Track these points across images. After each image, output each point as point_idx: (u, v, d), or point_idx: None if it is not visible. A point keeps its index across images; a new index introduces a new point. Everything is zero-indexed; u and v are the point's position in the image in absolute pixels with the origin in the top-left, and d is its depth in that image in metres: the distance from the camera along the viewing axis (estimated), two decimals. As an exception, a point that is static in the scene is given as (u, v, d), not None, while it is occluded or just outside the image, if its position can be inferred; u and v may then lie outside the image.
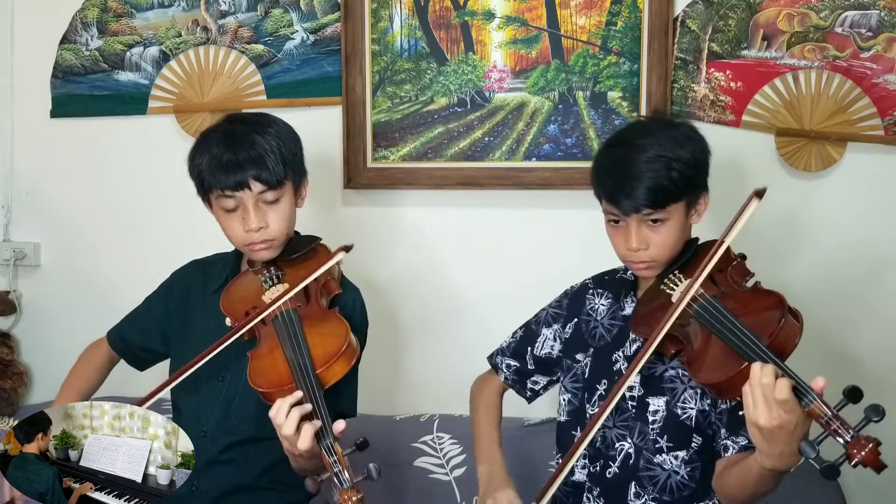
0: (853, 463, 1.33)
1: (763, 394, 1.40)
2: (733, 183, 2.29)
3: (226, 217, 1.81)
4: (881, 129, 2.22)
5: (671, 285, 1.68)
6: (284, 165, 1.78)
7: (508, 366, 1.93)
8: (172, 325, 1.96)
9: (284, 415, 1.55)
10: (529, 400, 1.95)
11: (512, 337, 1.95)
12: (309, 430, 1.53)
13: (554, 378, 1.91)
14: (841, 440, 1.35)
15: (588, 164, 2.33)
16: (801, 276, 2.27)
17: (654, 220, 1.66)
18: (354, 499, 1.47)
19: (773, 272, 2.24)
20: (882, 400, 1.36)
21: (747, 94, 2.28)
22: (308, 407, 1.56)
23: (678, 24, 2.30)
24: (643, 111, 2.30)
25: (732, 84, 2.29)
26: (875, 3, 2.21)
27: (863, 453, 1.33)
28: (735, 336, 1.50)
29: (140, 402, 1.68)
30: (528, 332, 1.92)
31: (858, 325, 2.29)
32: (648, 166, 1.64)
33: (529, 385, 1.93)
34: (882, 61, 2.21)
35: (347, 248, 1.74)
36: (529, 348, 1.90)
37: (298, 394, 1.57)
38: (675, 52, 2.30)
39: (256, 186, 1.76)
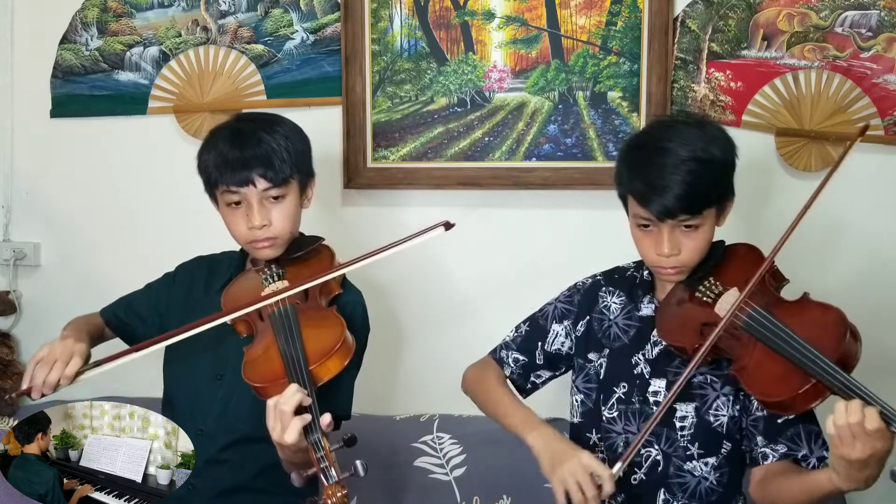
0: None
1: (852, 431, 1.39)
2: (733, 183, 2.29)
3: (230, 214, 1.81)
4: (881, 129, 2.22)
5: (707, 292, 1.66)
6: (290, 164, 1.79)
7: (516, 360, 1.89)
8: (171, 316, 1.95)
9: (287, 397, 1.53)
10: (527, 395, 1.91)
11: (516, 332, 1.92)
12: (297, 423, 1.52)
13: (556, 374, 1.89)
14: None
15: (588, 164, 2.36)
16: (801, 276, 2.27)
17: (688, 226, 1.64)
18: (339, 494, 1.46)
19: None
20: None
21: (747, 94, 2.28)
22: (304, 398, 1.55)
23: (678, 24, 2.30)
24: (643, 111, 2.30)
25: (732, 84, 2.29)
26: (875, 3, 2.21)
27: None
28: (797, 351, 1.48)
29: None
30: (536, 328, 1.89)
31: (863, 324, 2.28)
32: (682, 169, 1.60)
33: (532, 378, 1.89)
34: (882, 61, 2.21)
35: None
36: (539, 343, 1.87)
37: (294, 387, 1.56)
38: (675, 52, 2.30)
39: (261, 183, 1.77)
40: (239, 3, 2.54)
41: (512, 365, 1.90)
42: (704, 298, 1.66)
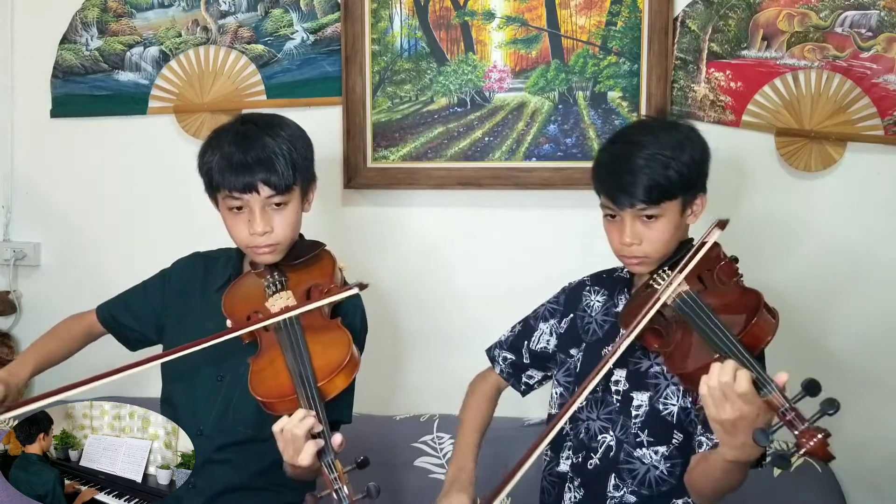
0: (802, 451, 1.37)
1: (722, 390, 1.43)
2: (733, 183, 2.30)
3: (231, 218, 1.80)
4: (881, 129, 2.22)
5: (659, 280, 1.70)
6: (294, 170, 1.77)
7: (505, 358, 1.95)
8: (168, 315, 1.94)
9: (297, 421, 1.54)
10: (524, 394, 1.96)
11: (511, 331, 1.97)
12: (311, 447, 1.53)
13: (548, 374, 1.93)
14: (794, 431, 1.38)
15: (588, 164, 2.34)
16: (800, 275, 2.28)
17: (649, 216, 1.68)
18: None
19: (773, 271, 2.25)
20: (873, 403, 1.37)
21: (747, 94, 2.28)
22: (316, 424, 1.55)
23: (678, 24, 2.30)
24: (643, 111, 2.30)
25: (732, 84, 2.29)
26: (875, 3, 2.21)
27: (811, 443, 1.36)
28: (709, 329, 1.53)
29: (126, 368, 1.66)
30: (526, 327, 1.94)
31: (858, 325, 2.29)
32: (646, 163, 1.66)
33: (524, 379, 1.94)
34: (882, 61, 2.21)
35: (362, 286, 1.73)
36: (526, 342, 1.92)
37: (301, 412, 1.56)
38: (675, 52, 2.30)
39: (265, 191, 1.75)
40: (239, 3, 2.54)
41: (501, 363, 1.95)
42: (655, 286, 1.70)
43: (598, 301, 1.86)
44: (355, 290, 1.73)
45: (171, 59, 2.59)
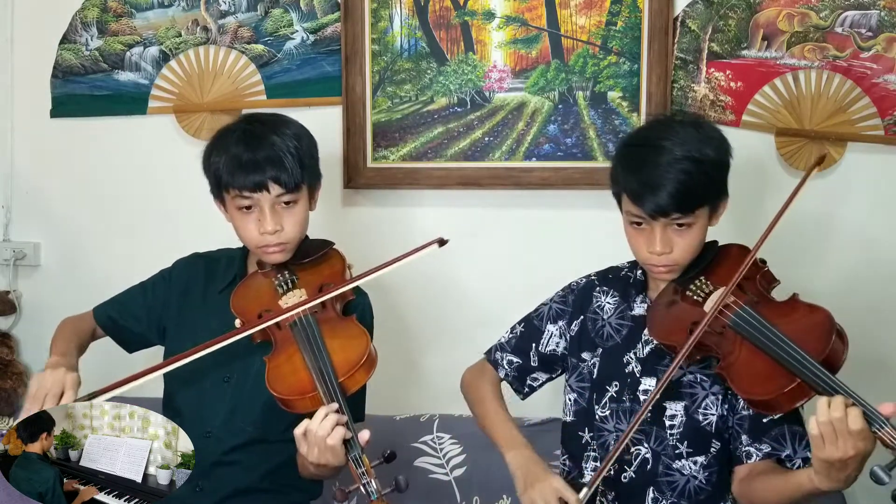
0: None
1: (835, 428, 1.39)
2: (733, 183, 2.28)
3: (240, 218, 1.79)
4: (881, 129, 2.22)
5: (698, 291, 1.66)
6: (302, 169, 1.77)
7: (510, 362, 1.89)
8: (169, 316, 1.94)
9: (319, 421, 1.53)
10: (524, 397, 1.92)
11: (511, 333, 1.92)
12: (339, 436, 1.52)
13: (553, 375, 1.89)
14: None
15: (588, 164, 2.36)
16: (800, 275, 2.27)
17: (681, 225, 1.65)
18: None
19: (773, 270, 2.25)
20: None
21: (747, 94, 2.28)
22: (343, 418, 1.55)
23: (678, 24, 2.30)
24: (643, 111, 2.30)
25: (732, 84, 2.29)
26: (875, 3, 2.21)
27: None
28: (783, 350, 1.48)
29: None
30: (531, 329, 1.89)
31: (859, 324, 2.28)
32: (676, 167, 1.61)
33: (528, 382, 1.89)
34: (882, 61, 2.21)
35: (442, 242, 1.72)
36: (534, 345, 1.87)
37: (333, 405, 1.56)
38: (675, 52, 2.30)
39: (275, 189, 1.75)
40: (239, 3, 2.55)
41: (506, 367, 1.90)
42: (694, 297, 1.66)
43: (609, 303, 1.82)
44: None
45: (171, 59, 2.59)
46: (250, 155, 1.74)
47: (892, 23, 2.20)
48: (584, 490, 1.60)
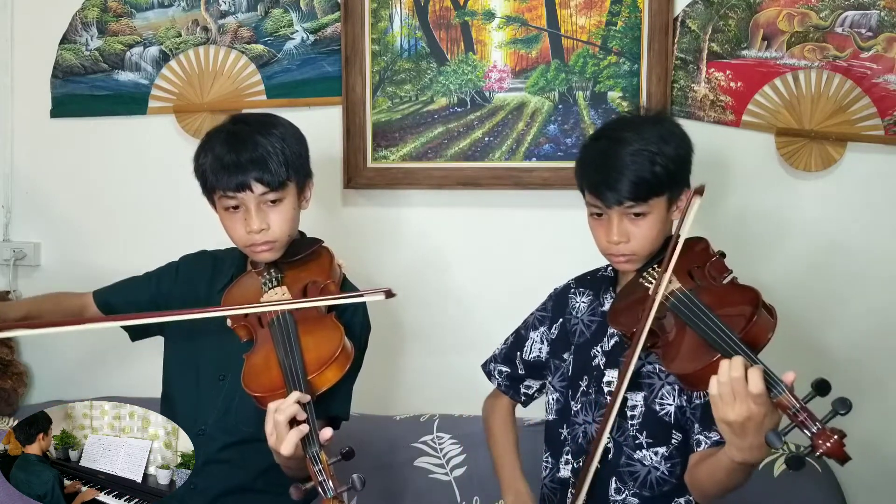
0: (818, 453, 1.34)
1: (732, 387, 1.41)
2: (733, 183, 2.30)
3: (228, 218, 1.81)
4: (881, 129, 2.22)
5: (649, 279, 1.69)
6: (287, 167, 1.78)
7: (500, 372, 1.95)
8: (171, 308, 1.93)
9: (273, 410, 1.54)
10: (525, 404, 1.96)
11: (504, 344, 1.97)
12: (293, 435, 1.52)
13: (546, 381, 1.91)
14: (807, 432, 1.36)
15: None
16: (800, 275, 2.27)
17: (636, 214, 1.68)
18: None
19: (772, 271, 2.25)
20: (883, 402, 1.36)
21: (747, 93, 2.28)
22: (300, 411, 1.54)
23: (678, 24, 2.30)
24: (643, 111, 2.30)
25: (732, 84, 2.29)
26: (875, 3, 2.21)
27: (828, 444, 1.34)
28: (709, 328, 1.51)
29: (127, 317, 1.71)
30: (518, 338, 1.94)
31: (858, 325, 2.29)
32: (632, 159, 1.65)
33: (523, 390, 1.94)
34: (882, 61, 2.21)
35: (389, 294, 1.68)
36: (519, 353, 1.92)
37: (293, 395, 1.56)
38: (675, 52, 2.30)
39: (258, 188, 1.76)
40: (239, 3, 2.54)
41: (498, 377, 1.95)
42: (646, 284, 1.69)
43: (583, 302, 1.85)
44: (379, 297, 1.70)
45: (171, 59, 2.59)
46: (233, 156, 1.76)
47: (892, 23, 2.20)
48: None
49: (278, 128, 1.82)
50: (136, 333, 2.00)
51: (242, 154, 1.76)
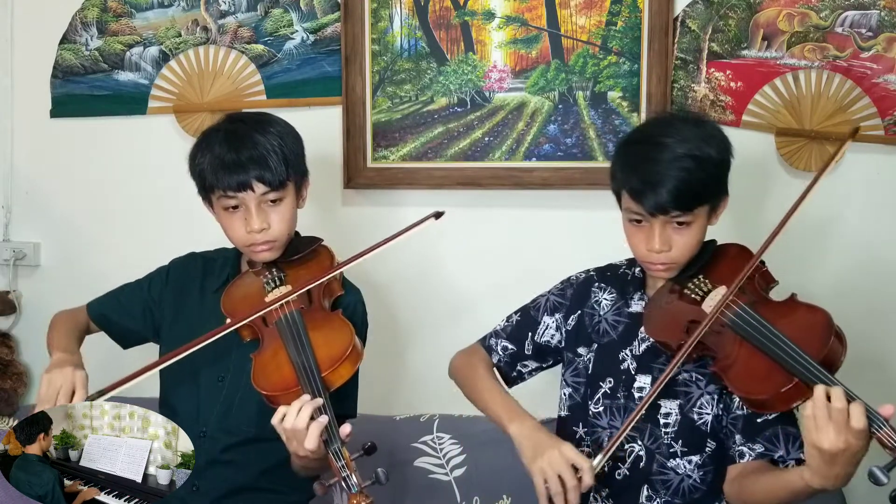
0: None
1: (833, 418, 1.38)
2: (733, 183, 2.28)
3: (227, 217, 1.80)
4: (881, 129, 2.22)
5: (696, 290, 1.66)
6: (287, 166, 1.78)
7: (504, 348, 1.89)
8: (164, 314, 1.94)
9: (295, 413, 1.54)
10: (512, 384, 1.90)
11: (507, 321, 1.92)
12: (315, 429, 1.52)
13: (544, 365, 1.89)
14: None
15: (588, 164, 2.36)
16: (799, 275, 2.27)
17: (680, 223, 1.64)
18: (364, 503, 1.47)
19: (772, 271, 2.25)
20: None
21: (747, 93, 2.28)
22: (319, 401, 1.56)
23: (678, 23, 2.30)
24: (643, 111, 2.30)
25: (732, 84, 2.29)
26: (875, 3, 2.21)
27: None
28: (783, 351, 1.48)
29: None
30: (527, 318, 1.89)
31: (858, 325, 2.28)
32: (677, 165, 1.61)
33: (519, 368, 1.89)
34: (882, 61, 2.21)
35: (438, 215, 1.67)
36: (530, 334, 1.87)
37: (306, 397, 1.56)
38: (675, 52, 2.30)
39: (259, 188, 1.76)
40: (239, 3, 2.54)
41: (500, 353, 1.90)
42: (693, 296, 1.66)
43: (607, 299, 1.82)
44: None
45: (171, 59, 2.59)
46: (234, 155, 1.75)
47: (892, 23, 2.20)
48: (599, 457, 1.60)
49: (275, 126, 1.82)
50: (128, 341, 2.00)
51: (242, 153, 1.75)
